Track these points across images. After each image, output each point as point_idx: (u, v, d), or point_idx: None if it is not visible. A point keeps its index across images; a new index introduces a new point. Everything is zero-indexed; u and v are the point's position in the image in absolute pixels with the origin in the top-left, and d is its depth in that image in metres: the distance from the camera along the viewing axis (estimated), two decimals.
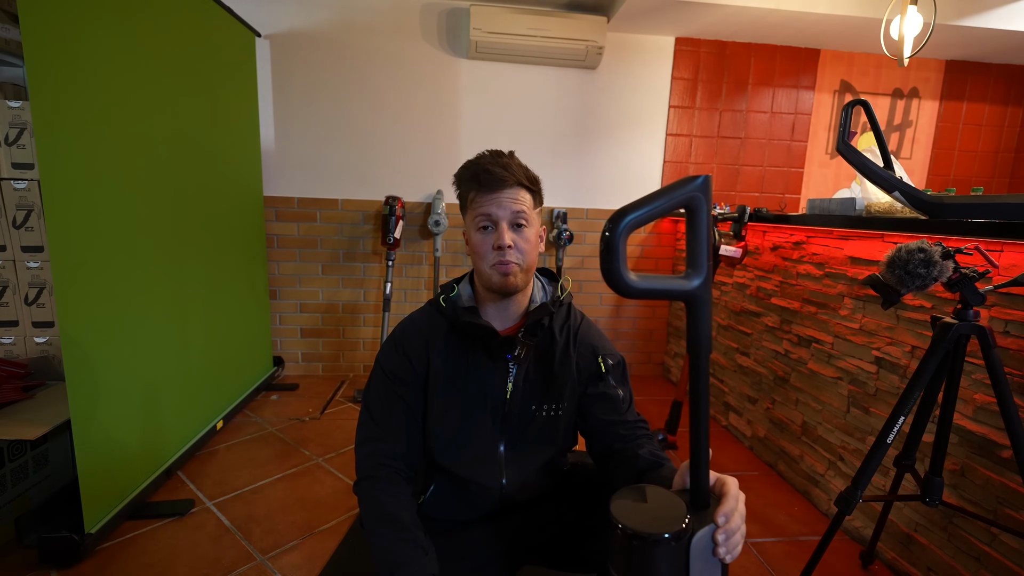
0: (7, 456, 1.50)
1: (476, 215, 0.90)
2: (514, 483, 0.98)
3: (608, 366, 0.98)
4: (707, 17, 2.66)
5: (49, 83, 1.33)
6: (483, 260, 0.91)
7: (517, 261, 0.90)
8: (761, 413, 2.20)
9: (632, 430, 0.93)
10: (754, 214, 2.14)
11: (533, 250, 0.92)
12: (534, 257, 0.93)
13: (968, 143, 3.30)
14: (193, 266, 2.05)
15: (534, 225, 0.93)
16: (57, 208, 1.36)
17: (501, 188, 0.89)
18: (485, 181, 0.89)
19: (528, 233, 0.91)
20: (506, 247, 0.88)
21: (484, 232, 0.90)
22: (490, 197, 0.89)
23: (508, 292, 0.93)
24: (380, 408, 0.93)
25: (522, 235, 0.90)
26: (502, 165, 0.89)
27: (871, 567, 1.52)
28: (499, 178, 0.88)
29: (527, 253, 0.91)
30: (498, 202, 0.89)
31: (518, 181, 0.90)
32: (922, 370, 1.13)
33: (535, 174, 0.95)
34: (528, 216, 0.91)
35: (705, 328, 0.51)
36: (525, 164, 0.94)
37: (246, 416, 2.45)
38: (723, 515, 0.57)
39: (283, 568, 1.45)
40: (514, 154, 0.94)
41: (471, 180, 0.91)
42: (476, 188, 0.90)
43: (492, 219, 0.89)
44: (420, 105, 2.86)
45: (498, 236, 0.89)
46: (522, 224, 0.90)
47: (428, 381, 0.95)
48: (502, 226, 0.89)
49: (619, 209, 0.46)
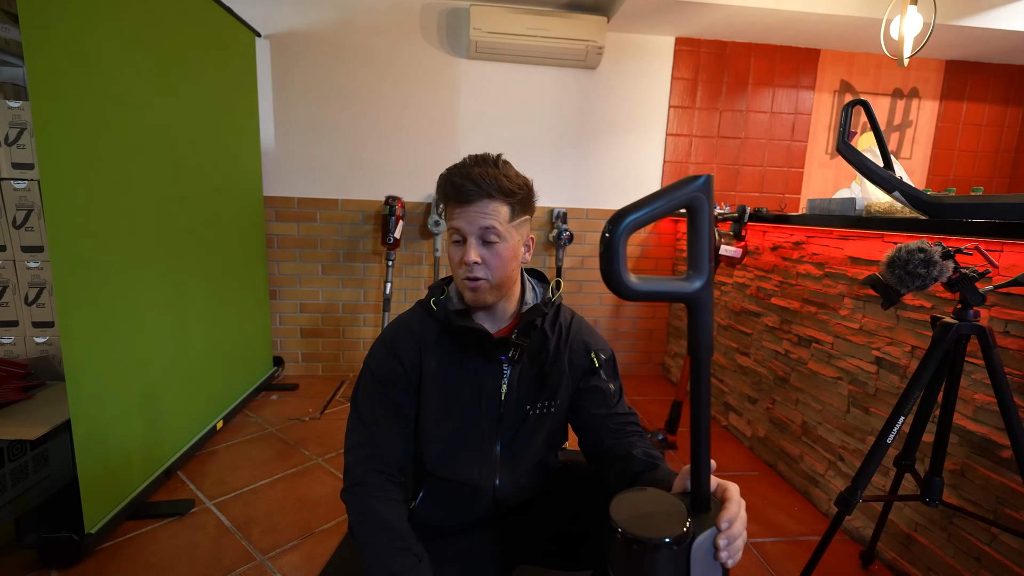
0: (7, 456, 1.50)
1: (449, 227, 0.89)
2: (508, 484, 0.98)
3: (601, 361, 0.99)
4: (707, 17, 2.66)
5: (49, 83, 1.33)
6: (455, 272, 0.91)
7: (485, 277, 0.88)
8: (761, 413, 2.20)
9: (622, 423, 0.95)
10: (754, 214, 2.14)
11: (506, 265, 0.89)
12: (507, 272, 0.90)
13: (968, 143, 3.29)
14: (193, 266, 2.04)
15: (509, 239, 0.88)
16: (57, 208, 1.36)
17: (469, 202, 0.85)
18: (452, 194, 0.86)
19: (500, 248, 0.87)
20: (471, 263, 0.86)
21: (456, 245, 0.89)
22: (460, 210, 0.86)
23: (476, 308, 0.93)
24: (370, 412, 0.91)
25: (492, 250, 0.87)
26: (474, 178, 0.84)
27: (871, 567, 1.52)
28: (467, 191, 0.84)
29: (496, 269, 0.88)
30: (467, 217, 0.85)
31: (489, 194, 0.84)
32: (922, 370, 1.13)
33: (522, 181, 0.89)
34: (499, 231, 0.86)
35: (706, 330, 0.51)
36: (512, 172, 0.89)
37: (246, 416, 2.45)
38: (726, 520, 0.56)
39: (283, 568, 1.45)
40: (501, 159, 0.90)
41: (442, 189, 0.88)
42: (446, 199, 0.88)
43: (461, 233, 0.87)
44: (420, 105, 2.86)
45: (464, 252, 0.86)
46: (492, 241, 0.86)
47: (421, 383, 0.94)
48: (470, 241, 0.86)
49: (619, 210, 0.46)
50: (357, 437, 0.91)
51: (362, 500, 0.85)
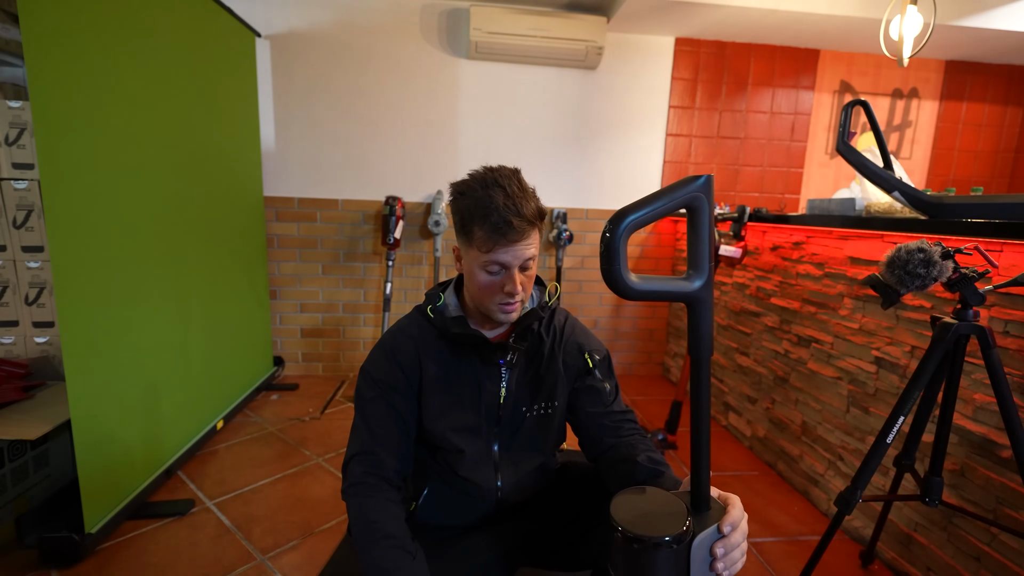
0: (7, 456, 1.50)
1: (485, 260, 0.86)
2: (510, 484, 0.99)
3: (595, 361, 1.01)
4: (707, 17, 2.66)
5: (49, 83, 1.33)
6: (488, 299, 0.89)
7: (522, 299, 0.90)
8: (761, 413, 2.20)
9: (619, 421, 0.96)
10: (754, 214, 2.14)
11: (534, 276, 0.92)
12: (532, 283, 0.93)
13: (968, 143, 3.29)
14: (193, 266, 2.05)
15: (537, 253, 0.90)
16: (57, 208, 1.36)
17: (518, 240, 0.84)
18: (504, 232, 0.83)
19: (533, 267, 0.90)
20: (516, 293, 0.87)
21: (490, 275, 0.87)
22: (506, 248, 0.84)
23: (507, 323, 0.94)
24: (372, 417, 0.92)
25: (528, 272, 0.89)
26: (523, 215, 0.83)
27: (871, 567, 1.52)
28: (519, 231, 0.83)
29: (528, 288, 0.91)
30: (514, 252, 0.85)
31: (533, 225, 0.85)
32: (922, 370, 1.13)
33: (542, 205, 0.89)
34: (535, 254, 0.89)
35: (706, 330, 0.51)
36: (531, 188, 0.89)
37: (246, 416, 2.45)
38: (728, 525, 0.56)
39: (283, 568, 1.45)
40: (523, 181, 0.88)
41: (483, 221, 0.83)
42: (488, 232, 0.83)
43: (505, 266, 0.86)
44: (420, 105, 2.86)
45: (509, 282, 0.86)
46: (530, 266, 0.88)
47: (422, 388, 0.95)
48: (514, 272, 0.86)
49: (620, 210, 0.46)
50: (357, 441, 0.92)
51: (359, 500, 0.86)
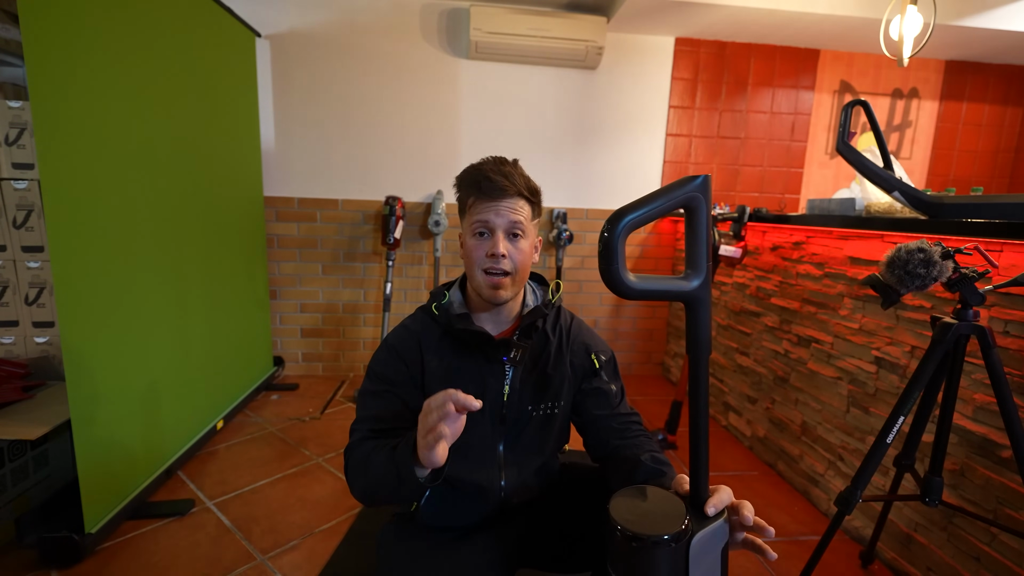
0: (7, 456, 1.50)
1: (473, 221, 0.91)
2: (513, 484, 0.99)
3: (601, 362, 1.01)
4: (707, 17, 2.66)
5: (49, 83, 1.33)
6: (475, 265, 0.92)
7: (509, 270, 0.91)
8: (761, 413, 2.20)
9: (625, 423, 0.97)
10: (754, 214, 2.14)
11: (527, 260, 0.93)
12: (527, 268, 0.94)
13: (968, 143, 3.29)
14: (193, 266, 2.05)
15: (530, 236, 0.93)
16: (57, 208, 1.36)
17: (501, 197, 0.89)
18: (486, 188, 0.89)
19: (523, 244, 0.91)
20: (499, 255, 0.89)
21: (480, 238, 0.91)
22: (489, 205, 0.89)
23: (497, 303, 0.94)
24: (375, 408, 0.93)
25: (517, 245, 0.91)
26: (504, 173, 0.89)
27: (871, 567, 1.52)
28: (500, 186, 0.88)
29: (520, 264, 0.92)
30: (496, 210, 0.89)
31: (518, 191, 0.90)
32: (922, 370, 1.13)
33: (536, 185, 0.95)
34: (525, 227, 0.91)
35: (705, 329, 0.51)
36: (527, 174, 0.94)
37: (246, 416, 2.45)
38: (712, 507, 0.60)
39: (283, 568, 1.45)
40: (518, 163, 0.94)
41: (471, 186, 0.91)
42: (476, 194, 0.90)
43: (489, 226, 0.90)
44: (420, 105, 2.86)
45: (493, 244, 0.89)
46: (518, 234, 0.91)
47: (424, 382, 0.95)
48: (498, 235, 0.89)
49: (618, 209, 0.46)
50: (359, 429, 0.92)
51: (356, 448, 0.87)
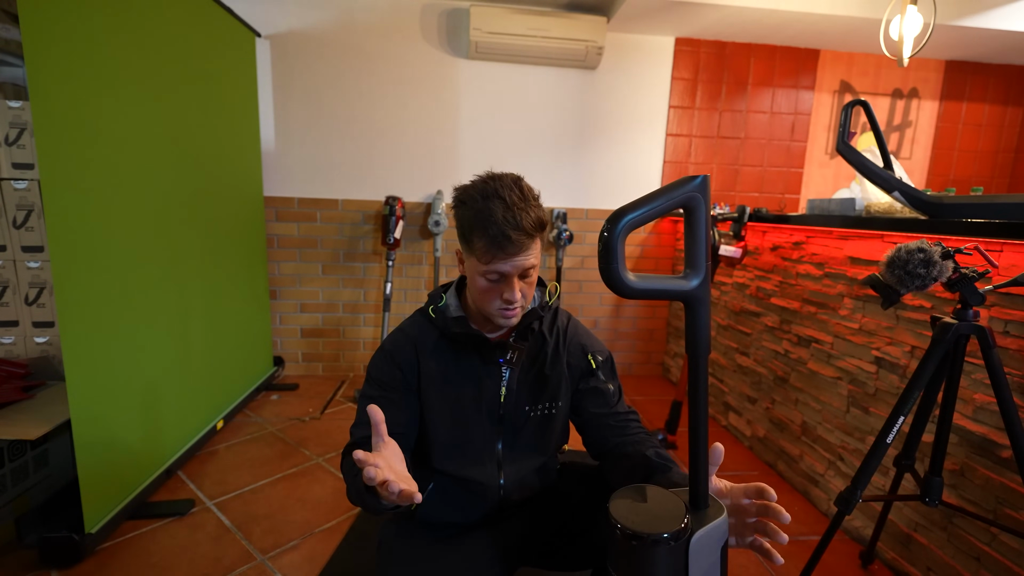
0: (7, 456, 1.50)
1: (485, 269, 0.86)
2: (512, 483, 0.99)
3: (598, 362, 1.01)
4: (707, 17, 2.66)
5: (49, 83, 1.33)
6: (487, 305, 0.89)
7: (522, 306, 0.89)
8: (761, 413, 2.20)
9: (624, 421, 0.98)
10: (754, 214, 2.14)
11: (535, 283, 0.92)
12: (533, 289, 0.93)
13: (968, 143, 3.29)
14: (193, 266, 2.05)
15: (538, 262, 0.90)
16: (57, 208, 1.36)
17: (517, 253, 0.84)
18: (503, 245, 0.82)
19: (533, 275, 0.89)
20: (516, 301, 0.87)
21: (490, 283, 0.87)
22: (508, 260, 0.84)
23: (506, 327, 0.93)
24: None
25: (528, 280, 0.88)
26: (522, 228, 0.82)
27: (871, 567, 1.52)
28: (517, 245, 0.83)
29: (529, 294, 0.90)
30: (514, 263, 0.85)
31: (533, 236, 0.85)
32: (922, 370, 1.13)
33: (544, 214, 0.88)
34: (536, 263, 0.88)
35: (704, 328, 0.51)
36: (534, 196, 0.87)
37: (246, 416, 2.45)
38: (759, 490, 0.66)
39: (283, 568, 1.45)
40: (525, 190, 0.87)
41: (485, 236, 0.83)
42: (487, 245, 0.83)
43: (504, 276, 0.86)
44: (420, 105, 2.86)
45: (508, 290, 0.86)
46: (530, 273, 0.88)
47: (420, 386, 0.96)
48: (513, 280, 0.86)
49: (617, 209, 0.47)
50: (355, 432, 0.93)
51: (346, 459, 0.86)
